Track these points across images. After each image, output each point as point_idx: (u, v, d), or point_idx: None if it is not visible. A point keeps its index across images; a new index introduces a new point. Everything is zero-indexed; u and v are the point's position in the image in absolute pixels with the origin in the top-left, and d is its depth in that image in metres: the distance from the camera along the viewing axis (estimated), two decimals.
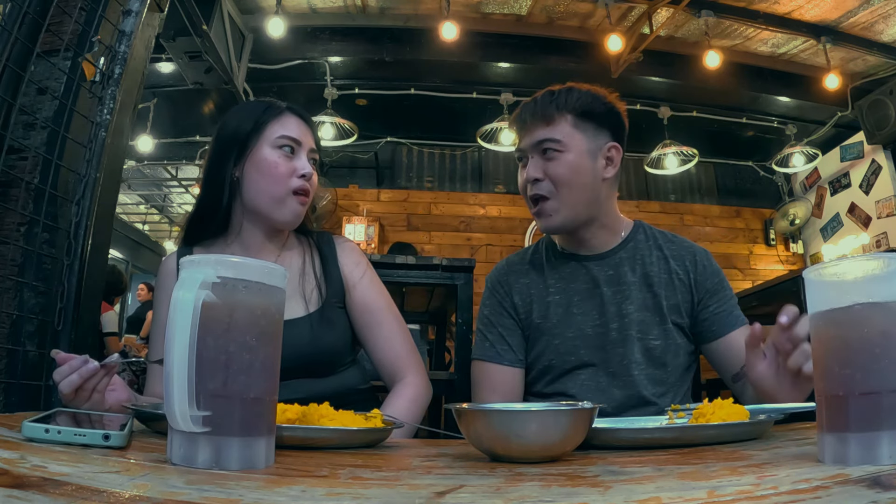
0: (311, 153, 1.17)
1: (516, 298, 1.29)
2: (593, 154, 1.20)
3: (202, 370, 0.51)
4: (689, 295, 1.24)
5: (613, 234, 1.28)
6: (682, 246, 1.29)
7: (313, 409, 0.75)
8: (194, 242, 1.20)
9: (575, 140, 1.18)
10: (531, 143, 1.20)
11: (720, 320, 1.22)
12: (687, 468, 0.53)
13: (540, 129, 1.19)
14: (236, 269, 0.54)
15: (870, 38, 4.15)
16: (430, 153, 5.46)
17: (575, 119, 1.19)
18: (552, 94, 1.21)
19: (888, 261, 0.50)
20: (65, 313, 1.16)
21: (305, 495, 0.42)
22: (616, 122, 1.23)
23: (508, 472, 0.54)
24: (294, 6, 4.06)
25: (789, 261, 5.58)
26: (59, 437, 0.56)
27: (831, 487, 0.40)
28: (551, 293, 1.27)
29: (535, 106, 1.21)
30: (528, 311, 1.27)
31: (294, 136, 1.14)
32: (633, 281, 1.24)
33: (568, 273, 1.27)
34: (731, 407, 0.76)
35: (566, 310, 1.25)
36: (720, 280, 1.26)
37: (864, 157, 4.91)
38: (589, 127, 1.20)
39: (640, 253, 1.27)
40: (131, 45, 1.35)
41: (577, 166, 1.18)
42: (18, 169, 1.17)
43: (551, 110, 1.19)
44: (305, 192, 1.14)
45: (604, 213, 1.25)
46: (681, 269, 1.25)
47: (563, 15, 4.13)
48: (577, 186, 1.18)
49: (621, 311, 1.22)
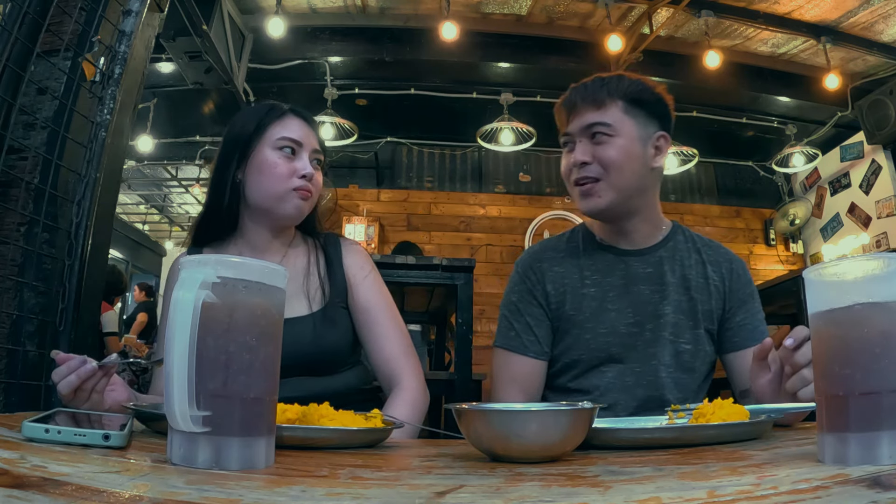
0: (315, 154, 1.18)
1: (549, 287, 1.25)
2: (643, 141, 1.17)
3: (202, 370, 0.51)
4: (721, 302, 1.22)
5: (655, 230, 1.26)
6: (720, 252, 1.27)
7: (313, 409, 0.75)
8: (203, 244, 1.22)
9: (626, 125, 1.16)
10: (580, 127, 1.17)
11: (744, 332, 1.21)
12: (687, 468, 0.53)
13: (590, 112, 1.16)
14: (236, 269, 0.54)
15: (870, 38, 4.15)
16: (430, 153, 5.46)
17: (626, 105, 1.16)
18: (603, 80, 1.19)
19: (888, 261, 0.50)
20: (65, 313, 1.16)
21: (305, 495, 0.42)
22: (665, 112, 1.22)
23: (508, 472, 0.54)
24: (294, 6, 4.06)
25: (789, 261, 5.58)
26: (59, 437, 0.56)
27: (831, 487, 0.40)
28: (587, 285, 1.23)
29: (585, 90, 1.18)
30: (561, 302, 1.23)
31: (294, 137, 1.15)
32: (672, 282, 1.21)
33: (605, 266, 1.24)
34: (731, 407, 0.76)
35: (600, 304, 1.21)
36: (752, 291, 1.25)
37: (864, 157, 4.91)
38: (640, 114, 1.17)
39: (680, 254, 1.25)
40: (131, 45, 1.35)
41: (628, 151, 1.15)
42: (18, 169, 1.17)
43: (602, 95, 1.16)
44: (307, 189, 1.15)
45: (648, 205, 1.23)
46: (717, 276, 1.23)
47: (563, 15, 4.13)
48: (627, 171, 1.15)
49: (658, 311, 1.19)
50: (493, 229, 5.30)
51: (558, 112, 1.23)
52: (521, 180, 5.45)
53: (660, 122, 1.20)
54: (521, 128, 4.32)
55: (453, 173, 5.47)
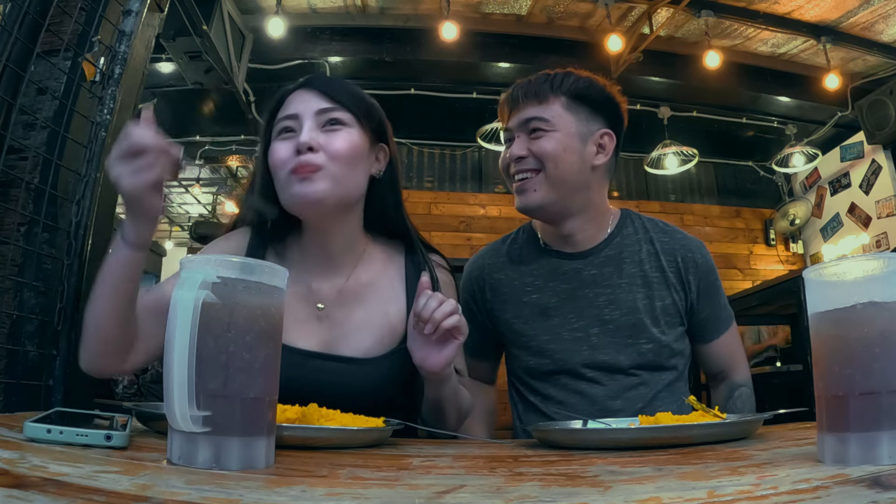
0: (322, 113, 0.95)
1: (489, 294, 1.23)
2: (583, 137, 1.14)
3: (202, 370, 0.51)
4: (683, 293, 1.17)
5: (599, 230, 1.20)
6: (675, 239, 1.21)
7: (313, 409, 0.75)
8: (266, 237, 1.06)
9: (564, 121, 1.13)
10: (519, 122, 1.15)
11: (711, 325, 1.20)
12: (687, 468, 0.53)
13: (530, 107, 1.14)
14: (236, 269, 0.54)
15: (870, 38, 4.15)
16: (430, 153, 5.45)
17: (568, 101, 1.14)
18: (548, 76, 1.17)
19: (888, 261, 0.50)
20: (65, 314, 1.16)
21: (305, 495, 0.42)
22: (612, 111, 1.18)
23: (508, 472, 0.54)
24: (294, 6, 4.06)
25: (789, 261, 5.58)
26: (60, 437, 0.56)
27: (831, 487, 0.40)
28: (528, 292, 1.20)
29: (528, 85, 1.16)
30: (502, 310, 1.21)
31: (290, 113, 0.96)
32: (622, 283, 1.16)
33: (547, 271, 1.20)
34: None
35: (542, 311, 1.18)
36: (714, 279, 1.20)
37: (864, 157, 4.90)
38: (582, 111, 1.14)
39: (629, 249, 1.19)
40: (131, 45, 1.34)
41: (566, 144, 1.12)
42: (18, 169, 1.17)
43: (545, 90, 1.14)
44: (303, 166, 0.91)
45: (591, 205, 1.18)
46: (672, 267, 1.18)
47: (563, 15, 4.13)
48: (562, 165, 1.11)
49: (604, 315, 1.15)
50: (493, 229, 5.30)
51: (501, 108, 1.21)
52: None
53: (606, 120, 1.16)
54: None
55: (453, 173, 5.47)
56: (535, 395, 1.21)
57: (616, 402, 1.15)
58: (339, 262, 1.03)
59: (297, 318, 0.97)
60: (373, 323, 1.00)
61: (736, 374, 1.24)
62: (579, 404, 1.15)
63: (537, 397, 1.21)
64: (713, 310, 1.20)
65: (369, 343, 0.99)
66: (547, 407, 1.19)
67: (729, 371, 1.25)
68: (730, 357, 1.24)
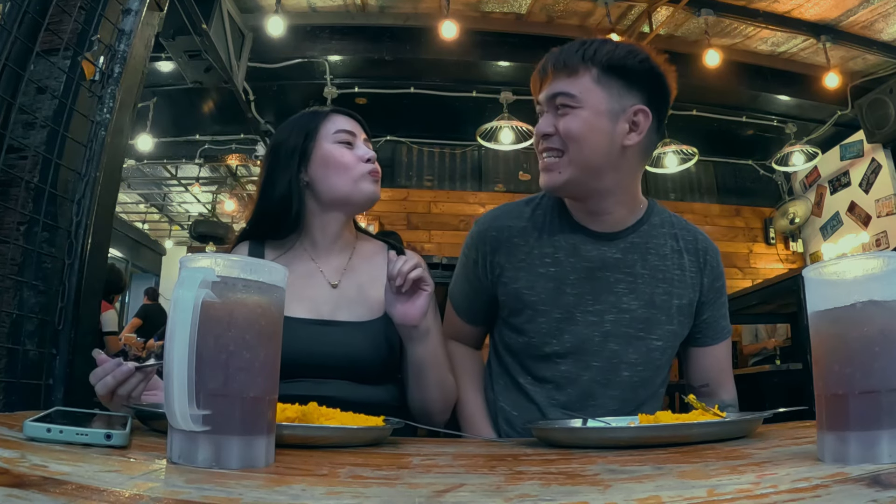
0: (366, 142, 1.23)
1: (501, 258, 1.15)
2: (614, 115, 1.04)
3: (202, 369, 0.51)
4: (697, 294, 1.14)
5: (630, 213, 1.14)
6: (698, 239, 1.18)
7: (313, 408, 0.75)
8: (263, 238, 1.24)
9: (593, 96, 1.04)
10: (546, 96, 1.08)
11: (710, 330, 1.17)
12: (687, 467, 0.53)
13: (559, 80, 1.06)
14: (236, 268, 0.54)
15: (870, 37, 4.15)
16: (430, 152, 5.46)
17: (600, 74, 1.04)
18: (582, 44, 1.07)
19: (888, 259, 0.50)
20: (65, 313, 1.16)
21: (305, 494, 0.42)
22: (653, 84, 1.07)
23: (508, 471, 0.54)
24: (294, 5, 4.06)
25: (789, 259, 5.59)
26: (61, 436, 0.56)
27: (831, 486, 0.40)
28: (546, 263, 1.13)
29: (560, 54, 1.08)
30: (514, 277, 1.14)
31: (348, 128, 1.20)
32: (644, 273, 1.11)
33: (569, 245, 1.12)
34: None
35: (558, 286, 1.11)
36: (722, 285, 1.18)
37: (863, 155, 4.91)
38: (614, 84, 1.04)
39: (655, 240, 1.14)
40: (131, 44, 1.34)
41: (592, 124, 1.03)
42: (18, 168, 1.17)
43: (575, 60, 1.05)
44: (377, 171, 1.20)
45: (623, 187, 1.10)
46: (693, 267, 1.14)
47: (562, 14, 4.13)
48: (588, 146, 1.04)
49: (621, 303, 1.10)
50: None
51: (533, 78, 1.14)
52: (520, 179, 5.45)
53: (643, 94, 1.06)
54: (520, 126, 4.32)
55: (453, 172, 5.47)
56: (526, 376, 1.15)
57: (610, 396, 1.11)
58: (344, 246, 1.24)
59: (306, 293, 1.15)
60: (368, 295, 1.18)
61: (723, 391, 1.19)
62: (574, 393, 1.11)
63: (527, 378, 1.15)
64: (714, 315, 1.17)
65: (363, 310, 1.17)
66: (536, 390, 1.13)
67: (716, 386, 1.19)
68: (718, 371, 1.19)
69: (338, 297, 1.17)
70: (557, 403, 1.12)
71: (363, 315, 1.16)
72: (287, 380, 1.03)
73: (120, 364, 0.82)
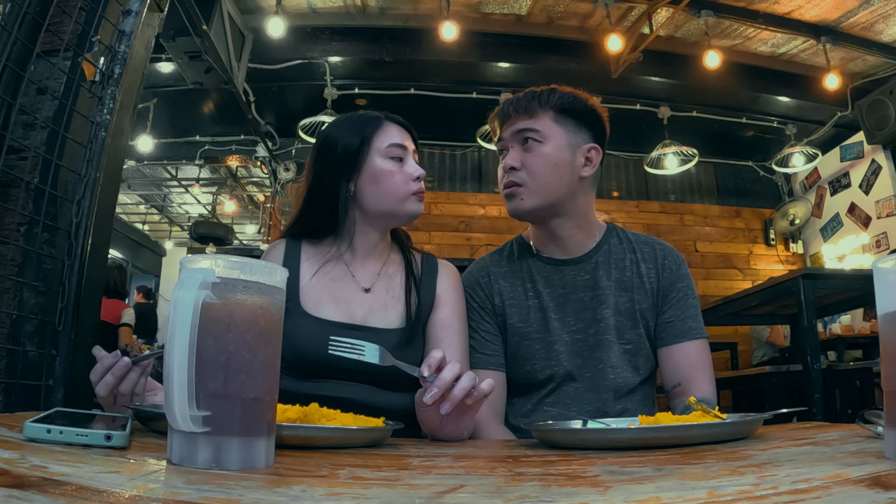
0: (415, 154, 1.24)
1: (496, 300, 1.29)
2: (572, 149, 1.23)
3: (202, 370, 0.51)
4: (655, 298, 1.25)
5: (588, 237, 1.29)
6: (654, 248, 1.30)
7: (314, 408, 0.75)
8: (301, 237, 1.25)
9: (555, 132, 1.22)
10: (512, 132, 1.24)
11: (672, 329, 1.23)
12: (687, 468, 0.53)
13: (522, 120, 1.23)
14: (236, 269, 0.54)
15: (870, 38, 4.16)
16: (430, 153, 5.46)
17: (556, 114, 1.23)
18: (534, 93, 1.25)
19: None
20: (65, 314, 1.16)
21: (305, 495, 0.42)
22: (596, 122, 1.27)
23: (508, 472, 0.54)
24: (294, 6, 4.06)
25: (789, 261, 5.59)
26: (61, 437, 0.56)
27: (831, 487, 0.40)
28: (530, 297, 1.28)
29: (518, 102, 1.26)
30: (508, 315, 1.27)
31: (400, 142, 1.20)
32: (608, 285, 1.25)
33: (543, 277, 1.28)
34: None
35: (544, 314, 1.25)
36: (684, 287, 1.25)
37: (863, 157, 4.91)
38: (569, 123, 1.23)
39: (615, 257, 1.28)
40: (131, 45, 1.34)
41: (556, 159, 1.21)
42: (18, 169, 1.17)
43: (533, 105, 1.23)
44: (422, 191, 1.21)
45: (579, 211, 1.26)
46: (651, 273, 1.26)
47: (562, 15, 4.13)
48: (553, 178, 1.21)
49: (597, 315, 1.23)
50: (492, 229, 5.30)
51: (492, 122, 1.32)
52: None
53: (591, 131, 1.26)
54: None
55: (453, 173, 5.48)
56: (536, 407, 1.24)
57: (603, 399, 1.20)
58: (380, 253, 1.25)
59: (340, 296, 1.17)
60: (400, 302, 1.19)
61: (695, 388, 1.19)
62: (577, 407, 1.19)
63: (538, 405, 1.24)
64: (678, 316, 1.23)
65: (394, 317, 1.17)
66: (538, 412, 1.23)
67: (688, 385, 1.20)
68: (690, 369, 1.21)
69: (370, 302, 1.18)
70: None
71: (394, 322, 1.16)
72: (314, 379, 1.07)
73: (118, 357, 0.82)
